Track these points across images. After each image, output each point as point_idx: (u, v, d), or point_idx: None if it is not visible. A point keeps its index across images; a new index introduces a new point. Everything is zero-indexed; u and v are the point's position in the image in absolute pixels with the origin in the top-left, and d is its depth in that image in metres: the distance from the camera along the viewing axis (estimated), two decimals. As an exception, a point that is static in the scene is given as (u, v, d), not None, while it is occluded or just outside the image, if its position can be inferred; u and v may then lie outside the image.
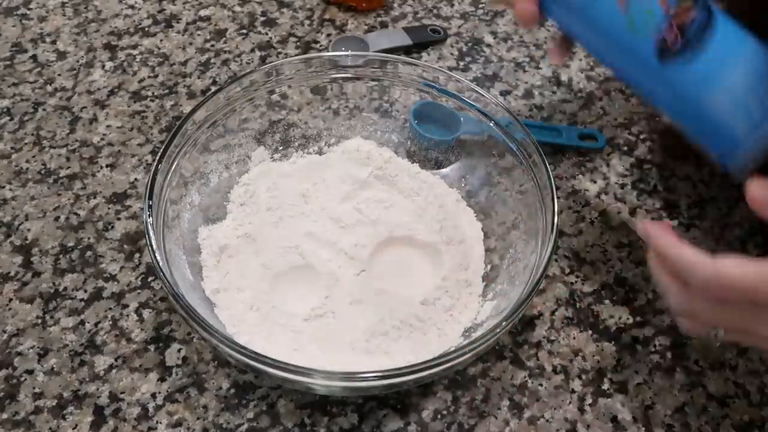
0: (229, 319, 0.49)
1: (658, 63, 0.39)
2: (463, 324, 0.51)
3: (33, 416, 0.47)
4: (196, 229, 0.53)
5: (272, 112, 0.59)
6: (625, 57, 0.41)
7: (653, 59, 0.39)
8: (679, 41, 0.38)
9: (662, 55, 0.39)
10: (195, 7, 0.78)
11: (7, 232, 0.57)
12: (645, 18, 0.39)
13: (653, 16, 0.39)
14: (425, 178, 0.59)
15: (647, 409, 0.49)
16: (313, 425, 0.47)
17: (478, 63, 0.73)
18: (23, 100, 0.67)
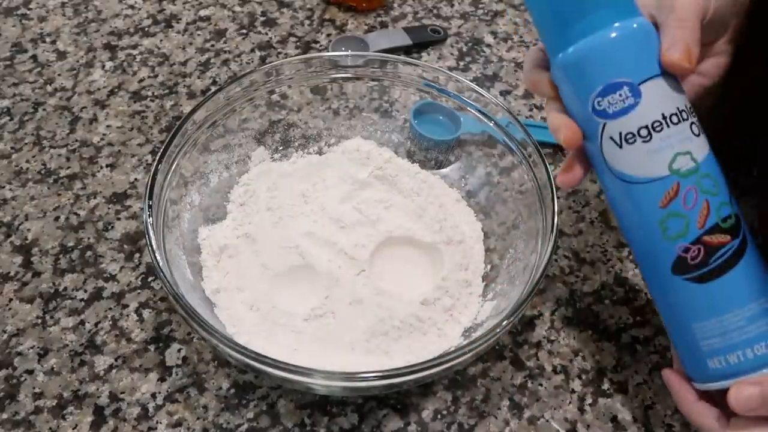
0: (229, 319, 0.49)
1: (670, 270, 0.38)
2: (463, 324, 0.51)
3: (33, 416, 0.47)
4: (196, 229, 0.53)
5: (272, 112, 0.59)
6: (643, 244, 0.40)
7: (668, 264, 0.38)
8: (698, 262, 0.37)
9: (677, 266, 0.38)
10: (195, 7, 0.78)
11: (7, 232, 0.57)
12: (678, 225, 0.37)
13: (686, 228, 0.37)
14: (425, 178, 0.59)
15: (647, 409, 0.49)
16: (313, 425, 0.47)
17: (478, 63, 0.73)
18: (23, 100, 0.67)
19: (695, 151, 0.37)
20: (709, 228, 0.37)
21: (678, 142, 0.37)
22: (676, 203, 0.37)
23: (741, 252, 0.38)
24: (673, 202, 0.37)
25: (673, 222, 0.37)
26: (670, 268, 0.38)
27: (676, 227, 0.37)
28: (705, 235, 0.37)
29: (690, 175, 0.37)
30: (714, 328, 0.38)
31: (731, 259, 0.37)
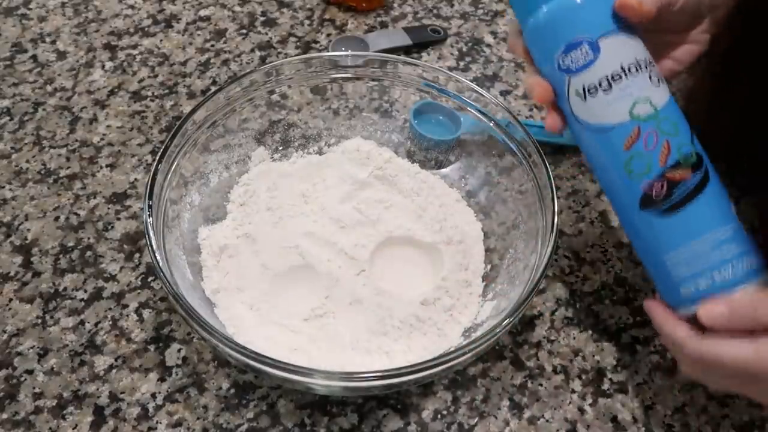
0: (229, 319, 0.49)
1: (638, 207, 0.41)
2: (463, 324, 0.51)
3: (33, 416, 0.47)
4: (196, 229, 0.53)
5: (272, 112, 0.59)
6: (612, 185, 0.43)
7: (635, 202, 0.41)
8: (662, 196, 0.40)
9: (644, 201, 0.41)
10: (195, 7, 0.78)
11: (7, 232, 0.57)
12: (641, 164, 0.40)
13: (650, 168, 0.40)
14: (425, 178, 0.59)
15: (647, 409, 0.49)
16: (313, 425, 0.47)
17: (478, 63, 0.73)
18: (23, 100, 0.67)
19: (654, 98, 0.41)
20: (671, 165, 0.40)
21: (637, 90, 0.40)
22: (638, 145, 0.40)
23: (702, 185, 0.40)
24: (635, 145, 0.40)
25: (637, 162, 0.40)
26: (637, 205, 0.41)
27: (640, 167, 0.40)
28: (667, 171, 0.40)
29: (650, 119, 0.40)
30: (681, 257, 0.40)
31: (693, 192, 0.40)
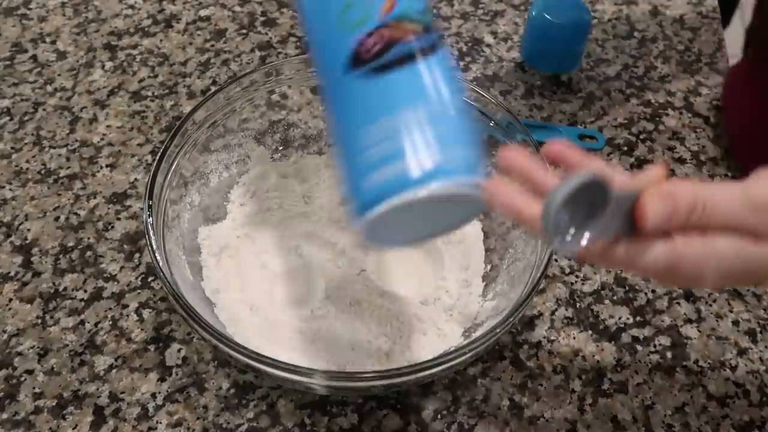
0: (229, 319, 0.49)
1: (344, 62, 0.32)
2: (463, 324, 0.51)
3: (33, 416, 0.47)
4: (196, 229, 0.53)
5: (272, 112, 0.59)
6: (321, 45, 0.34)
7: (342, 62, 0.33)
8: (374, 53, 0.32)
9: (352, 60, 0.32)
10: (195, 7, 0.78)
11: (7, 232, 0.57)
12: (358, 13, 0.32)
13: (367, 17, 0.32)
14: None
15: (647, 409, 0.49)
16: (313, 425, 0.47)
17: (478, 63, 0.73)
18: (23, 100, 0.67)
19: None
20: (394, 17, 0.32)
21: None
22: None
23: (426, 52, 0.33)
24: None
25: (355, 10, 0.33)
26: (343, 66, 0.33)
27: (356, 15, 0.33)
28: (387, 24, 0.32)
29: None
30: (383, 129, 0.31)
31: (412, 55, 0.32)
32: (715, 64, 0.74)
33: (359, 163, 0.32)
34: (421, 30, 0.33)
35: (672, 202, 0.33)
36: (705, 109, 0.69)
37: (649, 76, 0.72)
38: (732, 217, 0.33)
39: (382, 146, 0.31)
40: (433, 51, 0.33)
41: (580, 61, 0.71)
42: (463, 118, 0.32)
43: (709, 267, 0.34)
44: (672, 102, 0.70)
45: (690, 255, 0.33)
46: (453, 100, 0.32)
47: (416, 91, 0.32)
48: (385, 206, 0.31)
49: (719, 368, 0.51)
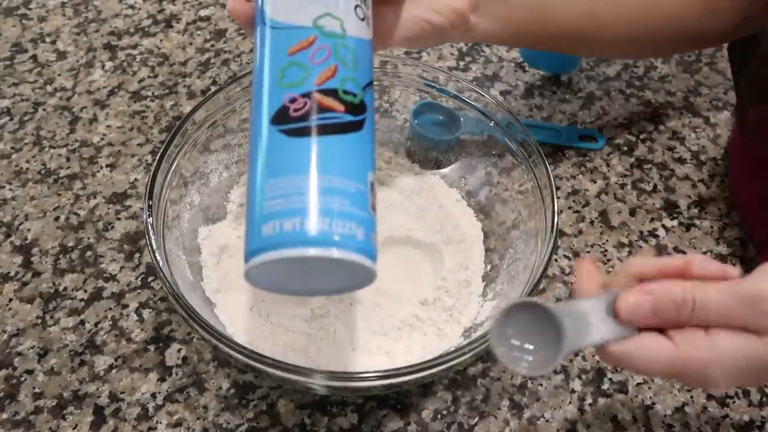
0: (229, 319, 0.49)
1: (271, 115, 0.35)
2: (463, 324, 0.51)
3: (33, 416, 0.47)
4: (196, 229, 0.53)
5: (272, 112, 0.59)
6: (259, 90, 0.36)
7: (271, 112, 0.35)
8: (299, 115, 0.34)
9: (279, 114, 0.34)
10: (195, 7, 0.78)
11: (7, 232, 0.57)
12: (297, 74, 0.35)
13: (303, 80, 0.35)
14: (425, 178, 0.59)
15: (647, 409, 0.49)
16: (313, 425, 0.47)
17: (478, 63, 0.73)
18: (23, 100, 0.67)
19: (348, 24, 0.36)
20: (326, 89, 0.35)
21: (335, 7, 0.36)
22: (304, 54, 0.35)
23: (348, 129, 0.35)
24: (301, 52, 0.35)
25: (293, 71, 0.35)
26: (271, 116, 0.35)
27: (294, 76, 0.35)
28: (319, 92, 0.34)
29: (332, 37, 0.36)
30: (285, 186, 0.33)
31: (333, 128, 0.34)
32: (715, 64, 0.74)
33: (258, 211, 0.33)
34: (344, 109, 0.35)
35: (650, 297, 0.34)
36: (705, 109, 0.69)
37: (649, 76, 0.72)
38: (726, 312, 0.33)
39: (280, 201, 0.33)
40: (353, 130, 0.35)
41: (580, 61, 0.71)
42: (365, 199, 0.34)
43: (715, 368, 0.33)
44: (672, 102, 0.70)
45: (693, 355, 0.33)
46: (357, 178, 0.34)
47: (325, 161, 0.33)
48: (267, 257, 0.32)
49: (719, 368, 0.51)
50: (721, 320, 0.33)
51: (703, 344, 0.33)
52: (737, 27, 0.56)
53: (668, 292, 0.34)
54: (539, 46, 0.55)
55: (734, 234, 0.59)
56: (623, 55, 0.70)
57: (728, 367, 0.33)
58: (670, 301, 0.33)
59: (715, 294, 0.33)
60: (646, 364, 0.34)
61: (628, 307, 0.34)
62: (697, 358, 0.33)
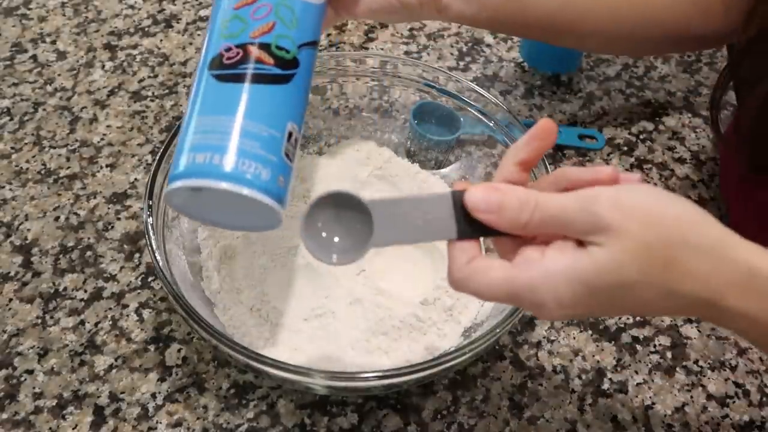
0: (229, 319, 0.49)
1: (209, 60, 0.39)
2: (463, 324, 0.51)
3: (33, 416, 0.47)
4: (196, 229, 0.53)
5: (272, 112, 0.59)
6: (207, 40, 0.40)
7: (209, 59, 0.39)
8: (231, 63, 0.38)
9: (214, 61, 0.38)
10: (195, 7, 0.78)
11: (7, 232, 0.57)
12: (236, 27, 0.39)
13: (241, 33, 0.38)
14: (425, 178, 0.59)
15: (647, 409, 0.49)
16: (313, 425, 0.47)
17: (478, 63, 0.73)
18: (23, 100, 0.67)
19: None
20: (261, 43, 0.38)
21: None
22: (247, 10, 0.39)
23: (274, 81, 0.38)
24: (245, 8, 0.39)
25: (234, 24, 0.39)
26: (209, 62, 0.39)
27: (233, 28, 0.39)
28: (252, 45, 0.38)
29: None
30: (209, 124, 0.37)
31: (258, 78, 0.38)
32: (715, 64, 0.74)
33: (185, 143, 0.37)
34: (273, 62, 0.38)
35: (498, 192, 0.33)
36: (705, 109, 0.69)
37: (649, 76, 0.72)
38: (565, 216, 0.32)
39: (203, 136, 0.37)
40: (279, 83, 0.39)
41: (580, 61, 0.71)
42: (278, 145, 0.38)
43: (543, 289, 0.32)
44: (672, 102, 0.70)
45: (524, 275, 0.32)
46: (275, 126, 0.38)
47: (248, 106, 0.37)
48: (182, 183, 0.36)
49: (719, 368, 0.51)
50: (560, 225, 0.32)
51: (535, 263, 0.32)
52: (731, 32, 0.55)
53: (515, 189, 0.33)
54: (518, 33, 0.55)
55: (734, 234, 0.59)
56: (603, 50, 0.69)
57: (556, 288, 0.31)
58: (515, 198, 0.32)
59: (558, 197, 0.32)
60: (485, 287, 0.33)
61: (475, 199, 0.33)
62: (528, 278, 0.32)
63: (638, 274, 0.31)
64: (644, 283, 0.31)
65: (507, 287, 0.32)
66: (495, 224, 0.33)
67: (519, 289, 0.32)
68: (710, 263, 0.32)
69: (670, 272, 0.31)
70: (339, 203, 0.33)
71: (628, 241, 0.31)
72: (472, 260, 0.33)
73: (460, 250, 0.34)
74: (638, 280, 0.31)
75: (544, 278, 0.32)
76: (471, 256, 0.33)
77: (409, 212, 0.34)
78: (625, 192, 0.32)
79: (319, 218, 0.34)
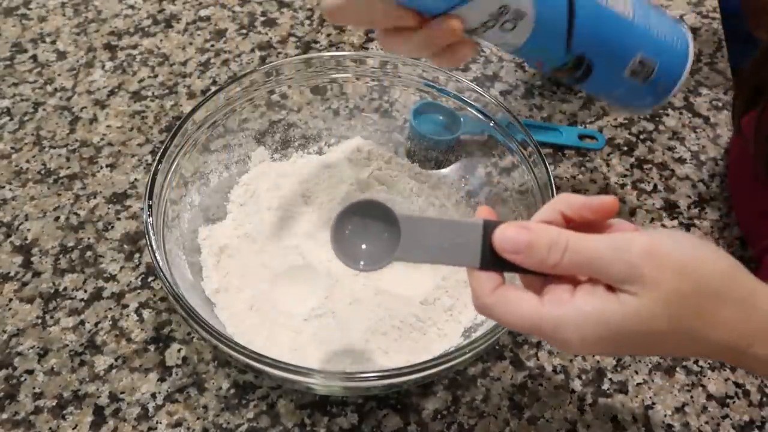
0: (229, 319, 0.49)
1: None
2: (463, 324, 0.51)
3: (33, 416, 0.47)
4: (196, 229, 0.53)
5: (272, 112, 0.59)
6: None
7: None
8: None
9: None
10: (195, 7, 0.78)
11: (7, 232, 0.57)
12: None
13: None
14: (425, 178, 0.59)
15: (647, 409, 0.49)
16: (313, 425, 0.47)
17: (478, 63, 0.73)
18: (23, 100, 0.67)
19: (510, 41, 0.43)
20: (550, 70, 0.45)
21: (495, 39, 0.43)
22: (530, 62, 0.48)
23: None
24: None
25: None
26: None
27: None
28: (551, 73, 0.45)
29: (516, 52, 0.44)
30: None
31: None
32: (715, 64, 0.74)
33: None
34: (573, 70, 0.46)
35: (528, 233, 0.33)
36: (705, 109, 0.69)
37: (649, 76, 0.72)
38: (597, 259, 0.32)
39: None
40: None
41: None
42: None
43: (568, 327, 0.32)
44: (672, 102, 0.70)
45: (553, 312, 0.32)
46: None
47: None
48: None
49: (719, 368, 0.51)
50: (592, 270, 0.32)
51: (565, 302, 0.32)
52: None
53: (547, 229, 0.33)
54: None
55: (734, 234, 0.59)
56: None
57: (581, 328, 0.32)
58: (546, 239, 0.33)
59: (590, 240, 0.32)
60: (513, 318, 0.33)
61: (504, 238, 0.33)
62: (555, 314, 0.32)
63: (669, 324, 0.32)
64: (673, 332, 0.32)
65: (535, 321, 0.33)
66: (522, 264, 0.34)
67: (546, 324, 0.33)
68: (740, 313, 0.32)
69: (700, 321, 0.32)
70: (370, 212, 0.34)
71: (662, 292, 0.31)
72: (499, 287, 0.34)
73: (486, 277, 0.34)
74: (668, 329, 0.32)
75: (572, 318, 0.32)
76: (497, 283, 0.34)
77: (437, 233, 0.34)
78: (659, 239, 0.32)
79: (348, 224, 0.34)
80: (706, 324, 0.32)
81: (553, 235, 0.33)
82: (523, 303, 0.33)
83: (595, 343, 0.32)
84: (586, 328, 0.32)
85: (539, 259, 0.33)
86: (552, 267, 0.33)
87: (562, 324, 0.32)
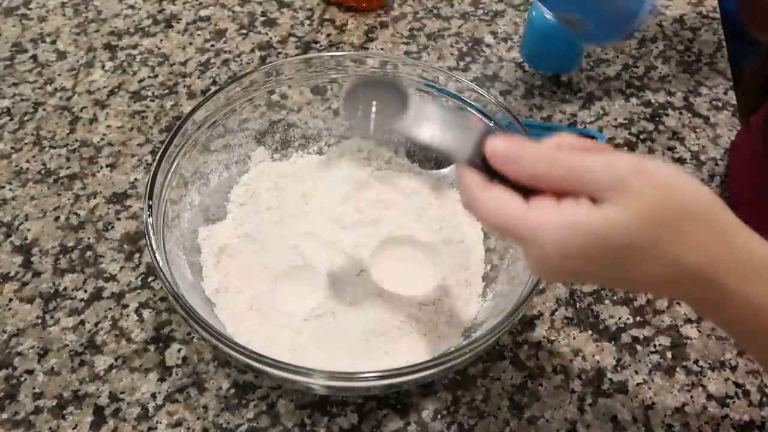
0: (229, 319, 0.49)
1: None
2: (463, 324, 0.51)
3: (33, 416, 0.47)
4: (196, 229, 0.53)
5: (272, 112, 0.59)
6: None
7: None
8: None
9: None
10: (195, 7, 0.78)
11: (7, 232, 0.57)
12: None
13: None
14: (425, 178, 0.59)
15: (647, 409, 0.49)
16: (313, 425, 0.47)
17: (478, 63, 0.73)
18: (23, 100, 0.67)
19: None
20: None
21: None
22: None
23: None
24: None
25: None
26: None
27: None
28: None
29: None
30: None
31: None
32: (715, 64, 0.74)
33: None
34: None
35: (518, 143, 0.33)
36: (705, 109, 0.69)
37: (649, 76, 0.72)
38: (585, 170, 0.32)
39: None
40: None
41: (580, 61, 0.71)
42: None
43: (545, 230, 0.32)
44: (672, 102, 0.70)
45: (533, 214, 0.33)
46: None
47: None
48: None
49: (719, 368, 0.51)
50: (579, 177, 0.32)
51: (552, 208, 0.32)
52: None
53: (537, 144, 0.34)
54: None
55: (734, 234, 0.59)
56: None
57: (563, 236, 0.32)
58: (536, 151, 0.33)
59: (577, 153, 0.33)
60: (496, 215, 0.34)
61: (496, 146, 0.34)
62: (540, 216, 0.32)
63: (648, 238, 0.31)
64: (651, 248, 0.32)
65: (518, 222, 0.33)
66: (510, 174, 0.34)
67: (527, 224, 0.33)
68: (717, 243, 0.32)
69: (678, 241, 0.32)
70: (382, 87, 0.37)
71: (644, 205, 0.31)
72: (487, 186, 0.34)
73: (475, 175, 0.35)
74: (646, 243, 0.32)
75: (555, 222, 0.32)
76: (484, 181, 0.34)
77: (439, 118, 0.36)
78: (647, 161, 0.33)
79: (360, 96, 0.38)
80: (682, 245, 0.32)
81: (543, 148, 0.33)
82: (509, 201, 0.33)
83: (574, 256, 0.32)
84: (568, 235, 0.32)
85: (528, 169, 0.33)
86: (539, 177, 0.33)
87: (544, 227, 0.32)
